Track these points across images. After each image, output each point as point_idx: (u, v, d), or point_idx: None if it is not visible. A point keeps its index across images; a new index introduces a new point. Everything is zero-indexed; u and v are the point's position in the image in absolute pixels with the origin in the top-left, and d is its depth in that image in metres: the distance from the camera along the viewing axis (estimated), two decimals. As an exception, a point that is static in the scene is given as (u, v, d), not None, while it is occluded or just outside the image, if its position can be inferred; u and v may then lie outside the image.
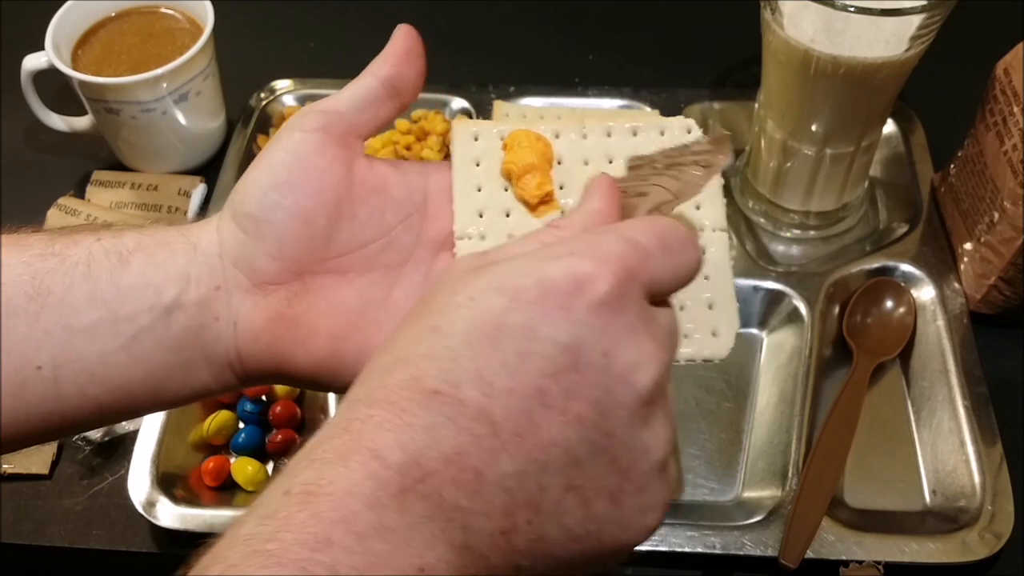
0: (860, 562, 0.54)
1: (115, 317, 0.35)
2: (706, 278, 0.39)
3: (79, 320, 0.35)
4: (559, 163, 0.41)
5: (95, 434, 0.63)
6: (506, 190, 0.40)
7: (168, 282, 0.36)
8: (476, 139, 0.41)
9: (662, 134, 0.41)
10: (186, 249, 0.37)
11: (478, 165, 0.41)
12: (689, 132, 0.41)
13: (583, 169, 0.41)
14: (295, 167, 0.36)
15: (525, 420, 0.28)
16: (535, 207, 0.40)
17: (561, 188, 0.40)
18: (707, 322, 0.39)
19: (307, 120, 0.38)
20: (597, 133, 0.41)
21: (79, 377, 0.35)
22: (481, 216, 0.40)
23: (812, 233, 0.72)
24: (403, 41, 0.40)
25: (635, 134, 0.41)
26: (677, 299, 0.35)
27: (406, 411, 0.28)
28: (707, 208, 0.40)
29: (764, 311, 0.68)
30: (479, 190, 0.40)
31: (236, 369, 0.37)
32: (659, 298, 0.32)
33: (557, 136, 0.41)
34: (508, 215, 0.40)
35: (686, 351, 0.39)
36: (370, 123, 0.39)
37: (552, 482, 0.28)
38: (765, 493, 0.59)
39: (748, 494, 0.60)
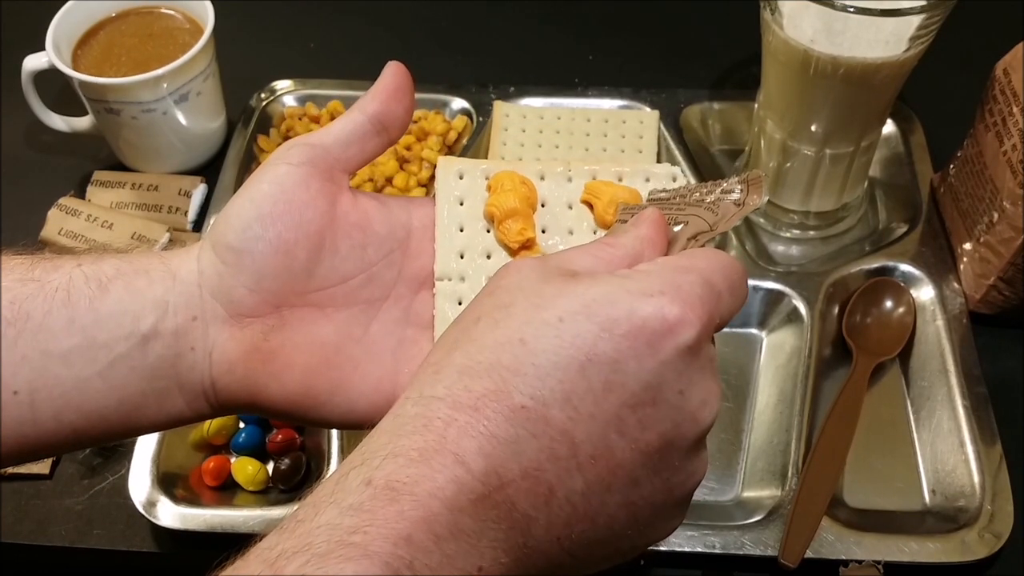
0: (860, 562, 0.54)
1: (92, 344, 0.35)
2: None
3: (57, 346, 0.35)
4: (543, 205, 0.40)
5: (96, 434, 0.63)
6: (488, 231, 0.40)
7: (146, 310, 0.36)
8: (461, 177, 0.41)
9: (647, 180, 0.41)
10: (165, 277, 0.37)
11: (462, 204, 0.40)
12: (675, 180, 0.41)
13: (567, 213, 0.41)
14: (279, 199, 0.36)
15: (601, 445, 0.30)
16: (516, 252, 0.39)
17: (544, 232, 0.40)
18: None
19: (293, 153, 0.38)
20: (582, 177, 0.41)
21: (55, 403, 0.35)
22: (462, 257, 0.39)
23: (812, 233, 0.72)
24: (392, 78, 0.40)
25: (620, 179, 0.41)
26: None
27: (491, 420, 0.29)
28: None
29: (764, 311, 0.68)
30: (461, 230, 0.40)
31: (210, 399, 0.37)
32: (717, 332, 0.34)
33: (542, 178, 0.41)
34: (489, 257, 0.40)
35: None
36: (356, 158, 0.39)
37: (612, 499, 0.30)
38: (765, 493, 0.59)
39: (748, 494, 0.60)
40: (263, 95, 0.82)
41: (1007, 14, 0.83)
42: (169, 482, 0.60)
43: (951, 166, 0.70)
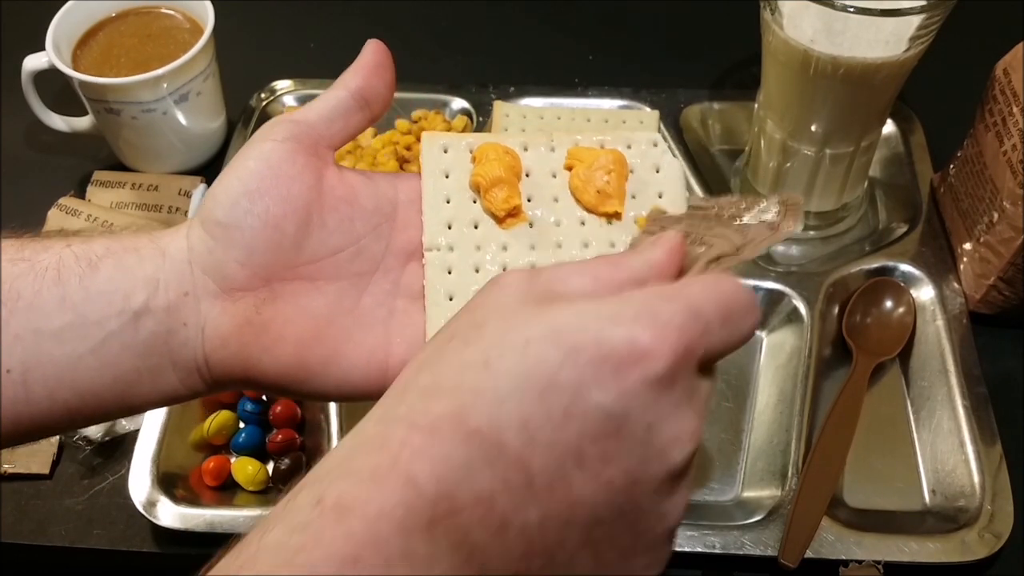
0: (860, 562, 0.54)
1: (84, 321, 0.36)
2: None
3: (48, 324, 0.35)
4: (527, 175, 0.41)
5: (96, 434, 0.63)
6: (474, 202, 0.41)
7: (137, 287, 0.36)
8: (445, 151, 0.41)
9: (629, 147, 0.42)
10: (155, 255, 0.37)
11: (447, 177, 0.41)
12: (655, 145, 0.42)
13: (551, 181, 0.41)
14: (266, 175, 0.37)
15: (559, 476, 0.28)
16: (503, 220, 0.40)
17: (529, 200, 0.41)
18: None
19: (278, 130, 0.38)
20: (565, 146, 0.42)
21: (48, 381, 0.35)
22: (450, 228, 0.40)
23: (812, 233, 0.72)
24: (373, 55, 0.41)
25: (602, 147, 0.42)
26: None
27: (446, 443, 0.28)
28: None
29: (764, 311, 0.68)
30: (448, 202, 0.41)
31: (204, 374, 0.38)
32: (708, 366, 0.31)
33: (525, 149, 0.42)
34: (476, 227, 0.40)
35: None
36: (340, 134, 0.40)
37: (571, 536, 0.29)
38: (765, 493, 0.59)
39: (748, 494, 0.60)
40: (263, 95, 0.82)
41: (1007, 14, 0.83)
42: (169, 482, 0.60)
43: (951, 166, 0.70)
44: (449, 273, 0.40)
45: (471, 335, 0.30)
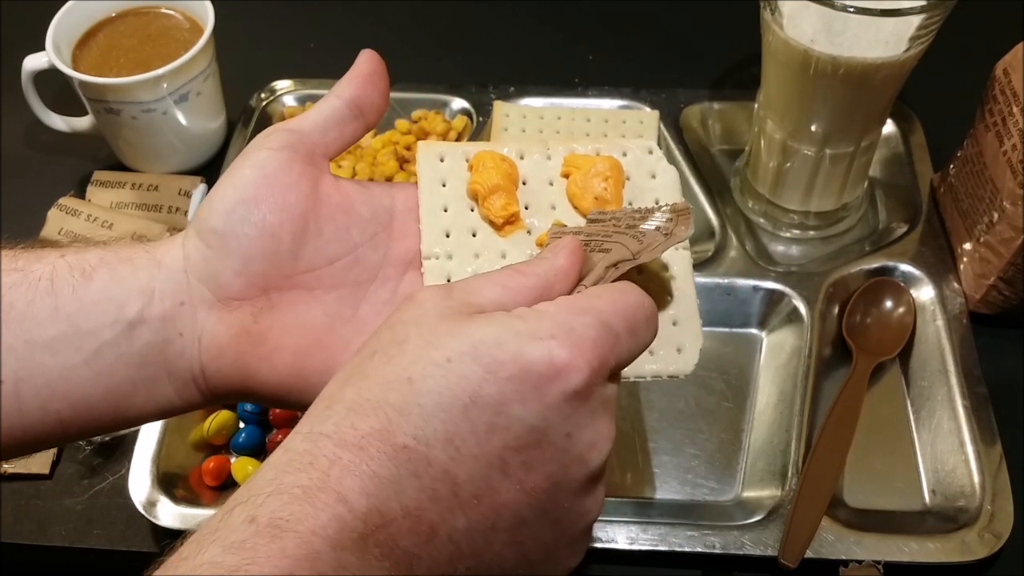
0: (860, 562, 0.54)
1: (77, 331, 0.35)
2: (670, 296, 0.40)
3: (41, 334, 0.35)
4: (524, 183, 0.41)
5: (96, 434, 0.63)
6: (472, 210, 0.41)
7: (131, 297, 0.36)
8: (442, 160, 0.42)
9: (624, 155, 0.42)
10: (149, 265, 0.37)
11: (444, 186, 0.41)
12: (651, 152, 0.42)
13: (547, 189, 0.41)
14: (261, 183, 0.37)
15: (484, 485, 0.30)
16: (501, 227, 0.40)
17: (527, 208, 0.41)
18: (672, 339, 0.40)
19: (273, 139, 0.38)
20: (561, 154, 0.42)
21: (41, 391, 0.35)
22: (448, 236, 0.40)
23: (812, 233, 0.72)
24: (366, 64, 0.41)
25: (598, 155, 0.42)
26: None
27: (374, 459, 0.29)
28: None
29: (764, 311, 0.68)
30: (445, 210, 0.41)
31: (200, 385, 0.38)
32: (615, 373, 0.33)
33: (522, 157, 0.42)
34: (475, 234, 0.40)
35: (652, 367, 0.39)
36: (335, 143, 0.40)
37: (497, 538, 0.30)
38: (765, 493, 0.59)
39: (748, 494, 0.60)
40: (263, 95, 0.82)
41: (1007, 14, 0.83)
42: (169, 482, 0.60)
43: (951, 166, 0.70)
44: (448, 281, 0.39)
45: (393, 351, 0.31)
